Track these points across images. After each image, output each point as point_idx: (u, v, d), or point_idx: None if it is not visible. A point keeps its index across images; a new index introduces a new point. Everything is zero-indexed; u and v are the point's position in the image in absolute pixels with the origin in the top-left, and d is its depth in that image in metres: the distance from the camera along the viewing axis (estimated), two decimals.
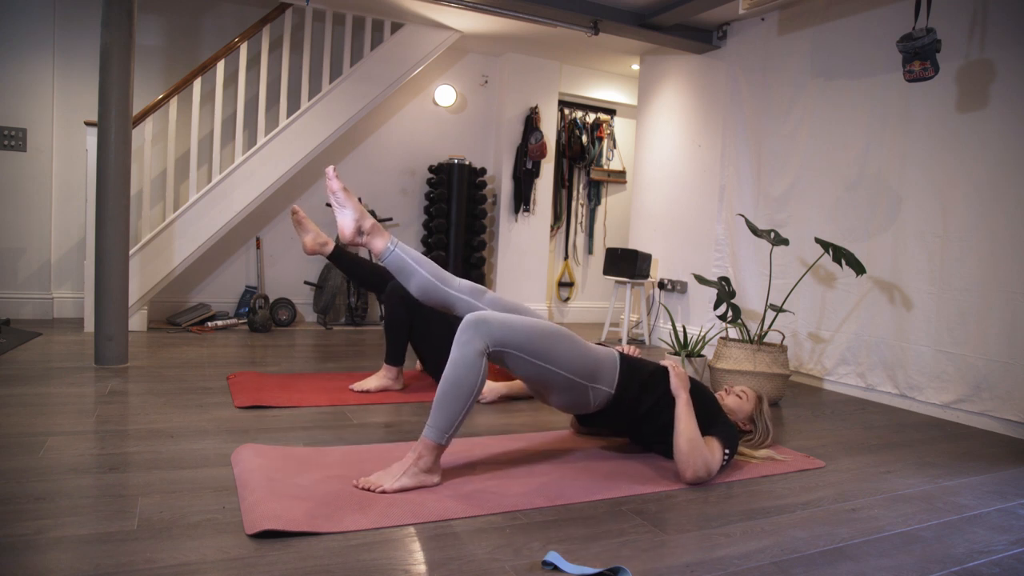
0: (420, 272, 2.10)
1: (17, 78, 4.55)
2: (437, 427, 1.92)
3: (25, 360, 3.38)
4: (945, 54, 3.25)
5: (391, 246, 2.09)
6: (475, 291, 2.16)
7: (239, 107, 4.69)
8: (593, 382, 2.15)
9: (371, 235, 2.09)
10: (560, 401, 2.20)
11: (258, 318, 4.73)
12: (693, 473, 2.10)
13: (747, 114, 4.57)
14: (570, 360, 2.08)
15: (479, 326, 1.94)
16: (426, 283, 2.11)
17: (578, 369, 2.10)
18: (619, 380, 2.20)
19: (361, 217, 2.08)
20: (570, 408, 2.25)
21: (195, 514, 1.69)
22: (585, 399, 2.17)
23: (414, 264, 2.11)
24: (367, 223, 2.08)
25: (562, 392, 2.14)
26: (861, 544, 1.78)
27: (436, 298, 2.14)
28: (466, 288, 2.16)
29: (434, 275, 2.12)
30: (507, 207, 5.86)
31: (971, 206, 3.29)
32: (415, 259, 2.12)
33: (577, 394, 2.15)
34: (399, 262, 2.10)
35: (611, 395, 2.19)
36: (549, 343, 2.05)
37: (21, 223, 4.64)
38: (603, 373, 2.17)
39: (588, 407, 2.21)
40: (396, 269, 2.11)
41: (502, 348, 1.96)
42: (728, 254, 4.69)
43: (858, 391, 3.78)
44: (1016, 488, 2.32)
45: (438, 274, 2.13)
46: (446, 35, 5.14)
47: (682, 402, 2.17)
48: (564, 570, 1.51)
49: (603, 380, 2.17)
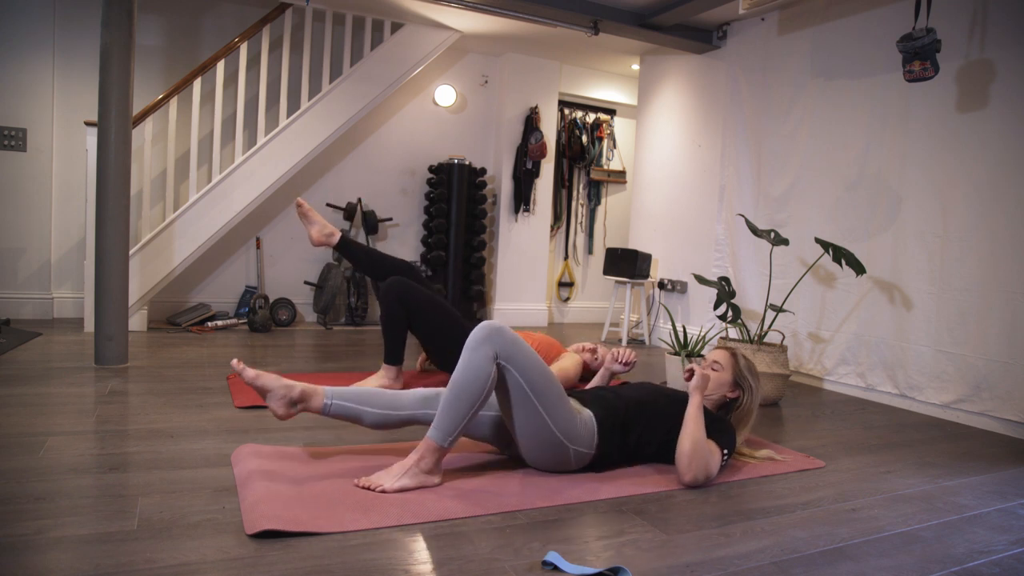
0: (367, 411, 2.06)
1: (17, 78, 4.55)
2: (442, 429, 1.92)
3: (25, 360, 3.38)
4: (945, 54, 3.25)
5: (327, 401, 2.03)
6: (427, 399, 2.11)
7: (239, 107, 4.70)
8: (572, 443, 2.07)
9: (304, 401, 2.02)
10: (534, 455, 2.09)
11: (258, 318, 4.73)
12: (692, 476, 2.09)
13: (747, 114, 4.57)
14: (558, 410, 2.02)
15: (493, 335, 1.94)
16: (378, 418, 2.07)
17: (562, 422, 2.02)
18: (599, 438, 2.13)
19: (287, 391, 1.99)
20: (546, 466, 2.13)
21: (195, 514, 1.69)
22: (565, 457, 2.09)
23: (358, 407, 2.05)
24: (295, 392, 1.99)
25: (540, 443, 2.04)
26: (861, 544, 1.78)
27: (394, 423, 2.09)
28: (418, 401, 2.10)
29: (382, 406, 2.07)
30: (507, 207, 5.86)
31: (971, 206, 3.29)
32: (357, 400, 2.06)
33: (554, 451, 2.06)
34: (343, 411, 2.05)
35: (593, 455, 2.14)
36: (548, 384, 2.01)
37: (21, 223, 4.64)
38: (582, 436, 2.09)
39: (570, 466, 2.13)
40: (344, 418, 2.07)
41: (507, 364, 1.95)
42: (728, 254, 4.69)
43: (858, 391, 3.78)
44: (1016, 488, 2.32)
45: (385, 402, 2.08)
46: (446, 35, 5.14)
47: (694, 404, 2.14)
48: (564, 570, 1.51)
49: (582, 443, 2.09)
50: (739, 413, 2.36)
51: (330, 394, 2.04)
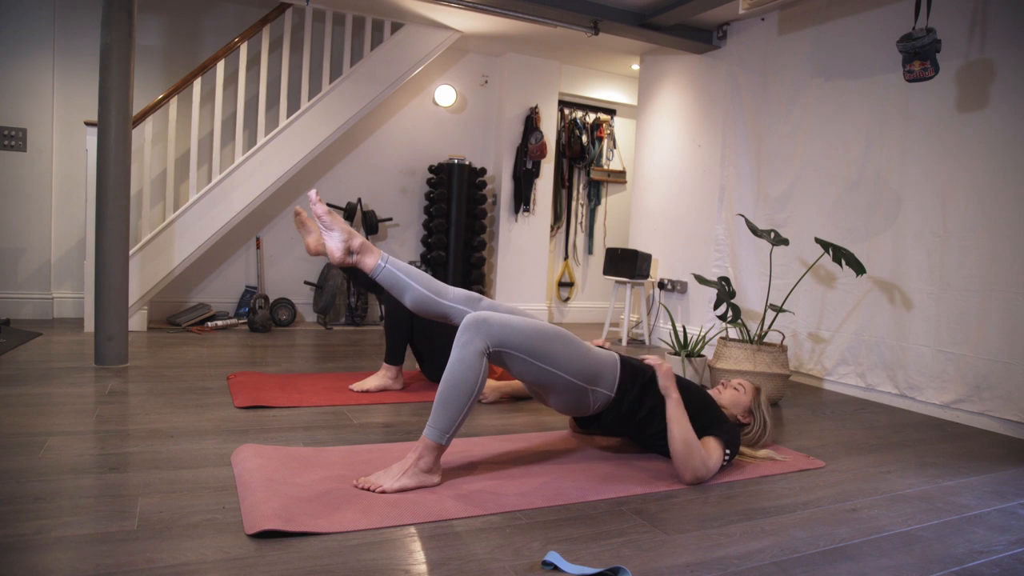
0: (413, 286, 2.08)
1: (17, 78, 4.55)
2: (437, 427, 1.92)
3: (25, 360, 3.38)
4: (945, 54, 3.25)
5: (382, 263, 2.07)
6: (470, 300, 2.15)
7: (239, 107, 4.69)
8: (593, 385, 2.14)
9: (361, 254, 2.07)
10: (559, 403, 2.19)
11: (258, 318, 4.73)
12: (692, 475, 2.10)
13: (747, 114, 4.57)
14: (570, 362, 2.08)
15: (480, 326, 1.94)
16: (420, 296, 2.09)
17: (578, 372, 2.09)
18: (619, 383, 2.19)
19: (349, 237, 2.06)
20: (570, 410, 2.24)
21: (195, 514, 1.69)
22: (585, 402, 2.17)
23: (407, 279, 2.08)
24: (356, 242, 2.07)
25: (562, 394, 2.13)
26: (861, 544, 1.78)
27: (432, 311, 2.12)
28: (461, 298, 2.14)
29: (428, 288, 2.10)
30: (507, 207, 5.86)
31: (971, 206, 3.29)
32: (407, 273, 2.09)
33: (577, 396, 2.14)
34: (391, 278, 2.08)
35: (611, 398, 2.19)
36: (549, 345, 2.05)
37: (21, 223, 4.64)
38: (603, 376, 2.16)
39: (588, 409, 2.21)
40: (389, 285, 2.09)
41: (502, 348, 1.96)
42: (728, 254, 4.69)
43: (858, 391, 3.78)
44: (1016, 488, 2.32)
45: (432, 286, 2.11)
46: (446, 35, 5.14)
47: (672, 402, 2.13)
48: (564, 570, 1.51)
49: (603, 383, 2.16)
50: (746, 439, 2.42)
51: (385, 257, 2.10)
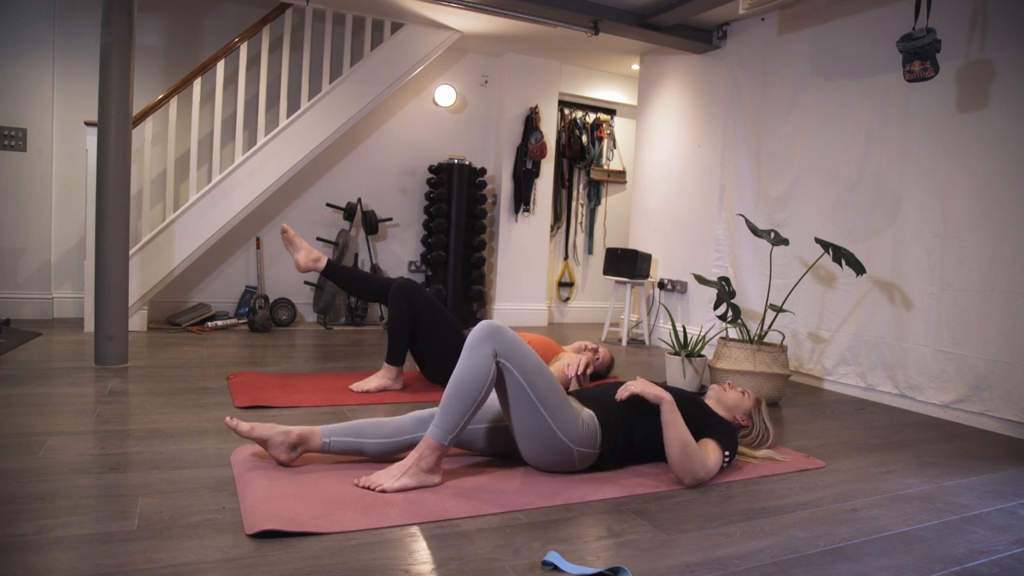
0: (368, 442, 2.07)
1: (17, 78, 4.55)
2: (442, 427, 1.92)
3: (25, 360, 3.38)
4: (945, 54, 3.25)
5: (326, 440, 2.05)
6: (423, 419, 2.10)
7: (239, 107, 4.69)
8: (579, 446, 2.06)
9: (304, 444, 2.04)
10: (538, 456, 2.08)
11: (258, 318, 4.73)
12: (692, 478, 2.09)
13: (747, 114, 4.57)
14: (560, 408, 2.01)
15: (493, 334, 1.95)
16: (379, 447, 2.07)
17: (566, 426, 2.02)
18: (602, 438, 2.12)
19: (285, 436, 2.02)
20: (550, 465, 2.11)
21: (195, 514, 1.69)
22: (570, 459, 2.08)
23: (358, 440, 2.06)
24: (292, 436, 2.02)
25: (542, 443, 2.03)
26: (861, 544, 1.78)
27: (397, 451, 2.09)
28: (417, 421, 2.10)
29: (382, 436, 2.07)
30: (507, 207, 5.86)
31: (971, 206, 3.29)
32: (356, 434, 2.06)
33: (558, 450, 2.05)
34: (342, 447, 2.06)
35: (598, 454, 2.13)
36: (549, 384, 2.00)
37: (21, 223, 4.64)
38: (587, 435, 2.08)
39: (574, 466, 2.11)
40: (346, 452, 2.07)
41: (506, 362, 1.95)
42: (728, 254, 4.69)
43: (858, 391, 3.78)
44: (1016, 488, 2.32)
45: (384, 431, 2.08)
46: (446, 35, 5.14)
47: (666, 408, 2.08)
48: (564, 570, 1.51)
49: (586, 442, 2.08)
50: (745, 441, 2.43)
51: (327, 432, 2.06)
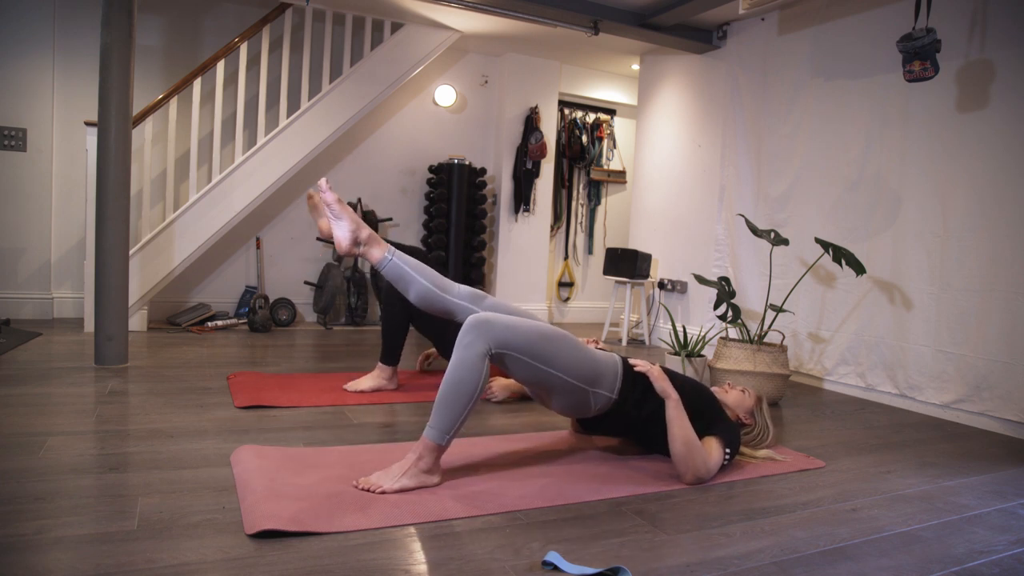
0: (419, 280, 2.08)
1: (17, 78, 4.55)
2: (438, 428, 1.92)
3: (25, 360, 3.38)
4: (945, 54, 3.25)
5: (388, 255, 2.07)
6: (475, 297, 2.15)
7: (239, 107, 4.69)
8: (593, 387, 2.13)
9: (368, 245, 2.07)
10: (560, 404, 2.19)
11: (258, 318, 4.73)
12: (693, 475, 2.10)
13: (747, 114, 4.57)
14: (570, 364, 2.07)
15: (481, 327, 1.94)
16: (425, 291, 2.09)
17: (578, 373, 2.09)
18: (620, 385, 2.19)
19: (357, 228, 2.05)
20: (570, 412, 2.24)
21: (195, 514, 1.69)
22: (586, 403, 2.16)
23: (412, 272, 2.08)
24: (363, 233, 2.06)
25: (562, 395, 2.13)
26: (861, 544, 1.78)
27: (436, 306, 2.12)
28: (466, 294, 2.14)
29: (433, 283, 2.10)
30: (507, 207, 5.86)
31: (971, 206, 3.29)
32: (413, 267, 2.09)
33: (578, 397, 2.14)
34: (397, 271, 2.07)
35: (612, 399, 2.18)
36: (551, 346, 2.04)
37: (21, 223, 4.64)
38: (604, 378, 2.16)
39: (589, 411, 2.20)
40: (394, 278, 2.08)
41: (504, 350, 1.96)
42: (728, 254, 4.69)
43: (858, 391, 3.78)
44: (1016, 488, 2.32)
45: (437, 282, 2.11)
46: (446, 35, 5.14)
47: (672, 403, 2.12)
48: (564, 570, 1.51)
49: (603, 385, 2.16)
50: (746, 439, 2.43)
51: (392, 250, 2.09)
